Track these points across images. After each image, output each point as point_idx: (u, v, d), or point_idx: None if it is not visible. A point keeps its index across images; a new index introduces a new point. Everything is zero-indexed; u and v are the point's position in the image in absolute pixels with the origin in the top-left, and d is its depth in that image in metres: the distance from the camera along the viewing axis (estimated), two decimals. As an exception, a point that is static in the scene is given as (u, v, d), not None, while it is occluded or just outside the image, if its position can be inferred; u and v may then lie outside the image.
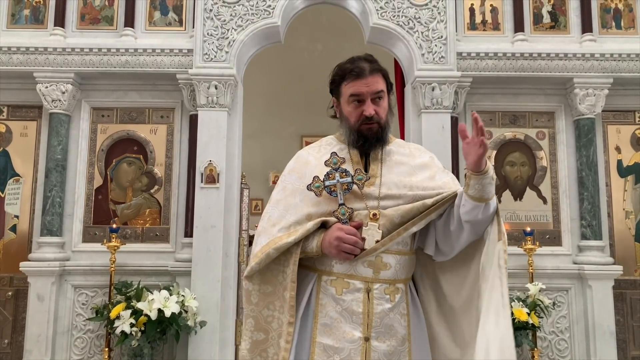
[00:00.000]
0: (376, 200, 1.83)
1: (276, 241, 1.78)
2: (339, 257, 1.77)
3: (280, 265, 1.81)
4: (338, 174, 1.80)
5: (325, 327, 1.80)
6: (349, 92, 1.88)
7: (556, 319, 4.44)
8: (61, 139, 4.52)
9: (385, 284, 1.82)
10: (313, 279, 1.85)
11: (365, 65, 1.89)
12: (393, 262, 1.83)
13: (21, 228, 4.61)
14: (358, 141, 1.89)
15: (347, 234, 1.75)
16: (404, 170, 1.91)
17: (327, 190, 1.80)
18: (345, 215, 1.78)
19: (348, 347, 1.77)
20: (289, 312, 1.78)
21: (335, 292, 1.81)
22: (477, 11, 4.73)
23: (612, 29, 4.73)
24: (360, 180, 1.81)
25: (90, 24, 4.68)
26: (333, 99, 1.98)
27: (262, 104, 7.56)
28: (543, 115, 4.76)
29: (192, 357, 4.18)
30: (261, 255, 1.78)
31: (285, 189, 1.91)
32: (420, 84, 4.45)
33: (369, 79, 1.87)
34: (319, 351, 1.79)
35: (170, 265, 4.38)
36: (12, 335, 4.49)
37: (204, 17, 4.48)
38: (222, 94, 4.42)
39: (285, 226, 1.82)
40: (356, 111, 1.88)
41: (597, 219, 4.48)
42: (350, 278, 1.80)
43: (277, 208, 1.88)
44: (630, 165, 4.74)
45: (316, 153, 1.98)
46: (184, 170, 4.60)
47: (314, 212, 1.83)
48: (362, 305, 1.79)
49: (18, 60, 4.49)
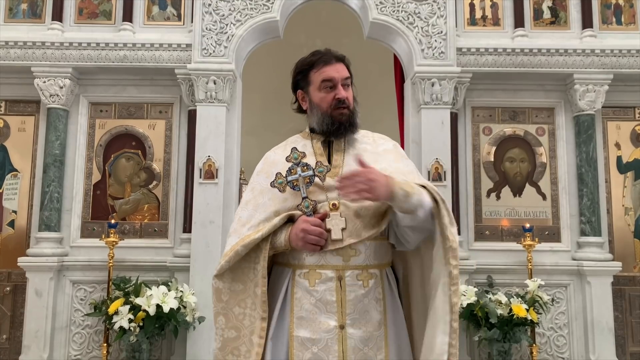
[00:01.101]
0: (336, 191, 1.84)
1: (244, 239, 1.81)
2: (305, 248, 1.79)
3: (251, 263, 1.83)
4: (299, 168, 1.82)
5: (301, 320, 1.81)
6: (321, 77, 1.90)
7: (555, 315, 4.44)
8: (59, 134, 4.50)
9: (357, 270, 1.83)
10: (288, 275, 1.87)
11: (330, 54, 1.94)
12: (362, 248, 1.84)
13: (19, 223, 4.60)
14: (333, 126, 1.90)
15: (312, 225, 1.77)
16: (368, 157, 1.91)
17: (290, 185, 1.83)
18: (309, 208, 1.80)
19: (325, 337, 1.79)
20: (262, 307, 1.80)
21: (308, 284, 1.82)
22: (477, 6, 4.71)
23: (612, 24, 4.71)
24: (321, 172, 1.83)
25: (88, 19, 4.65)
26: (299, 91, 1.98)
27: (261, 99, 7.54)
28: (543, 111, 4.75)
29: (190, 352, 4.19)
30: (230, 253, 1.81)
31: (254, 190, 1.95)
32: (419, 80, 4.43)
33: (337, 65, 1.92)
34: (297, 344, 1.80)
35: (169, 260, 4.37)
36: (11, 330, 4.49)
37: (203, 12, 4.46)
38: (220, 89, 4.40)
39: (254, 224, 1.85)
40: (328, 96, 1.90)
41: (596, 215, 4.47)
42: (321, 268, 1.82)
43: (247, 209, 1.91)
44: (630, 161, 4.73)
45: (282, 152, 1.99)
46: (182, 165, 4.59)
47: (281, 208, 1.85)
48: (335, 293, 1.81)
49: (15, 54, 4.46)
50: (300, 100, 1.99)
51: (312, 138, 1.98)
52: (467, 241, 4.53)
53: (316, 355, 1.78)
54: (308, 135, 2.00)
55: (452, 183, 4.44)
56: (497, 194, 4.65)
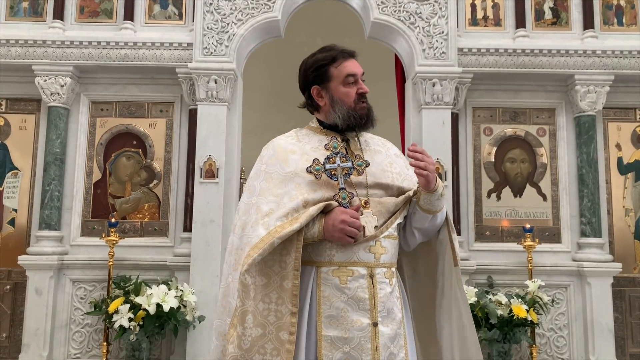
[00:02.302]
0: (365, 189, 1.84)
1: (279, 230, 1.71)
2: (342, 240, 1.75)
3: (277, 255, 1.73)
4: (339, 157, 1.79)
5: (330, 319, 1.75)
6: (345, 72, 1.88)
7: (555, 315, 4.44)
8: (60, 133, 4.50)
9: (385, 267, 1.83)
10: (312, 273, 1.80)
11: (346, 49, 1.93)
12: (390, 246, 1.84)
13: (20, 222, 4.60)
14: (361, 120, 1.88)
15: (351, 217, 1.73)
16: (384, 160, 1.94)
17: (327, 173, 1.78)
18: (346, 200, 1.77)
19: (358, 336, 1.74)
20: (292, 301, 1.71)
21: (339, 282, 1.77)
22: (478, 7, 4.71)
23: (613, 25, 4.71)
24: (360, 166, 1.81)
25: (89, 17, 4.65)
26: (315, 87, 1.91)
27: (261, 98, 7.54)
28: (544, 112, 4.75)
29: (190, 351, 4.19)
30: (264, 245, 1.69)
31: (271, 178, 1.84)
32: (420, 80, 4.43)
33: (354, 60, 1.93)
34: (326, 344, 1.73)
35: (169, 259, 4.37)
36: (10, 329, 4.49)
37: (204, 11, 4.46)
38: (221, 89, 4.40)
39: (283, 214, 1.75)
40: (352, 90, 1.88)
41: (596, 216, 4.47)
42: (353, 265, 1.78)
43: (266, 198, 1.80)
44: (631, 162, 4.73)
45: (297, 142, 1.93)
46: (183, 164, 4.59)
47: (311, 199, 1.78)
48: (367, 291, 1.77)
49: (17, 53, 4.46)
50: (316, 96, 1.92)
51: (326, 134, 1.92)
52: (468, 241, 4.53)
53: (348, 354, 1.73)
54: (321, 131, 1.94)
55: (452, 183, 4.44)
56: (497, 195, 4.65)
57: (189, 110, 4.61)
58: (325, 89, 1.90)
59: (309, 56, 1.98)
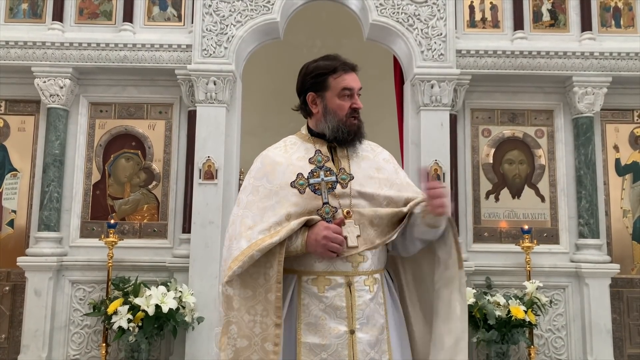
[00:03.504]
0: (348, 199, 1.86)
1: (259, 243, 1.75)
2: (324, 255, 1.78)
3: (261, 268, 1.77)
4: (322, 172, 1.80)
5: (309, 326, 1.80)
6: (342, 85, 1.90)
7: (553, 316, 4.45)
8: (59, 134, 4.50)
9: (364, 275, 1.85)
10: (293, 281, 1.85)
11: (347, 62, 1.94)
12: (369, 254, 1.86)
13: (19, 223, 4.60)
14: (349, 135, 1.91)
15: (334, 232, 1.76)
16: (370, 165, 1.95)
17: (310, 188, 1.80)
18: (330, 214, 1.79)
19: (335, 343, 1.78)
20: (275, 313, 1.75)
21: (317, 291, 1.82)
22: (476, 9, 4.72)
23: (611, 27, 4.72)
24: (344, 179, 1.81)
25: (88, 19, 4.66)
26: (311, 94, 1.94)
27: (260, 100, 7.55)
28: (542, 114, 4.76)
29: (189, 353, 4.19)
30: (243, 258, 1.74)
31: (257, 192, 1.88)
32: (419, 82, 4.44)
33: (354, 74, 1.94)
34: (304, 351, 1.78)
35: (168, 261, 4.37)
36: (10, 330, 4.49)
37: (203, 13, 4.47)
38: (220, 90, 4.41)
39: (265, 228, 1.79)
40: (346, 104, 1.90)
41: (594, 217, 4.48)
42: (331, 275, 1.82)
43: (251, 211, 1.85)
44: (629, 164, 4.74)
45: (284, 153, 1.96)
46: (182, 166, 4.59)
47: (293, 212, 1.82)
48: (344, 299, 1.81)
49: (16, 54, 4.47)
50: (310, 102, 1.95)
51: (314, 142, 1.96)
52: (466, 243, 4.54)
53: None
54: (309, 139, 1.98)
55: (451, 185, 4.45)
56: (495, 196, 4.66)
57: (188, 112, 4.62)
58: (320, 97, 1.93)
59: (311, 61, 1.99)
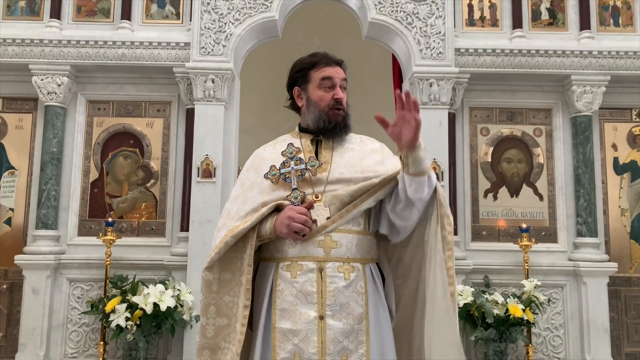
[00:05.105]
0: (323, 185, 1.90)
1: (233, 229, 1.85)
2: (289, 236, 1.83)
3: (239, 252, 1.87)
4: (293, 162, 1.90)
5: (283, 311, 1.84)
6: (321, 75, 1.98)
7: (551, 315, 4.46)
8: (57, 132, 4.49)
9: (338, 262, 1.85)
10: (272, 268, 1.90)
11: (330, 57, 2.02)
12: (344, 240, 1.86)
13: (16, 221, 4.59)
14: (329, 124, 1.96)
15: (298, 213, 1.81)
16: (355, 156, 1.99)
17: (282, 177, 1.90)
18: (298, 199, 1.87)
19: (305, 328, 1.81)
20: (245, 295, 1.83)
21: (290, 276, 1.85)
22: (475, 7, 4.72)
23: (610, 26, 4.73)
24: (313, 166, 1.90)
25: (86, 16, 4.65)
26: (296, 88, 2.04)
27: (259, 98, 7.53)
28: (540, 112, 4.77)
29: (187, 351, 4.19)
30: (220, 244, 1.85)
31: (243, 185, 1.99)
32: (417, 80, 4.44)
33: (337, 68, 2.00)
34: (279, 336, 1.82)
35: (166, 259, 4.37)
36: (7, 328, 4.48)
37: (202, 11, 4.46)
38: (219, 88, 4.40)
39: (242, 216, 1.89)
40: (327, 95, 1.97)
41: (592, 216, 4.49)
42: (302, 260, 1.85)
43: (236, 203, 1.95)
44: (627, 162, 4.75)
45: (271, 149, 2.07)
46: (180, 164, 4.59)
47: (269, 200, 1.90)
48: (315, 284, 1.83)
49: (13, 52, 4.45)
50: (296, 97, 2.05)
51: (301, 137, 2.04)
52: (464, 241, 4.55)
53: (297, 347, 1.80)
54: (297, 134, 2.07)
55: (449, 183, 4.45)
56: (494, 195, 4.67)
57: (186, 110, 4.61)
58: (304, 91, 2.02)
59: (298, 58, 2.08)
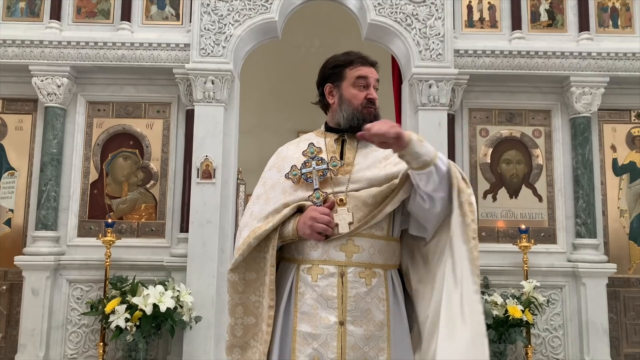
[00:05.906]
0: (345, 186, 1.88)
1: (256, 231, 1.84)
2: (312, 237, 1.81)
3: (262, 252, 1.86)
4: (314, 161, 1.89)
5: (304, 315, 1.83)
6: (357, 74, 1.96)
7: (550, 316, 4.46)
8: (56, 133, 4.50)
9: (360, 267, 1.83)
10: (293, 270, 1.89)
11: (366, 57, 2.01)
12: (366, 245, 1.84)
13: (16, 222, 4.60)
14: (364, 122, 1.86)
15: (321, 213, 1.79)
16: (378, 156, 1.96)
17: (304, 177, 1.88)
18: (320, 199, 1.84)
19: (325, 333, 1.79)
20: (269, 295, 1.82)
21: (311, 279, 1.84)
22: (474, 9, 4.73)
23: (609, 27, 4.74)
24: (335, 166, 1.89)
25: (86, 18, 4.65)
26: (328, 85, 2.01)
27: (258, 99, 7.54)
28: (539, 113, 4.77)
29: (187, 352, 4.19)
30: (243, 246, 1.84)
31: (266, 184, 1.98)
32: (417, 81, 4.45)
33: (372, 68, 2.00)
34: (299, 339, 1.81)
35: (166, 260, 4.37)
36: (7, 329, 4.49)
37: (201, 12, 4.47)
38: (218, 89, 4.41)
39: (264, 216, 1.88)
40: (361, 94, 1.95)
41: (592, 217, 4.49)
42: (324, 263, 1.83)
43: (258, 203, 1.94)
44: (626, 164, 4.76)
45: (295, 148, 2.05)
46: (180, 165, 4.59)
47: (291, 200, 1.88)
48: (336, 289, 1.81)
49: (13, 53, 4.46)
50: (327, 93, 2.02)
51: (325, 136, 2.03)
52: (464, 242, 4.54)
53: (316, 351, 1.79)
54: (322, 133, 2.05)
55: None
56: (493, 196, 4.67)
57: (186, 111, 4.61)
58: (337, 88, 1.99)
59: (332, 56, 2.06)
